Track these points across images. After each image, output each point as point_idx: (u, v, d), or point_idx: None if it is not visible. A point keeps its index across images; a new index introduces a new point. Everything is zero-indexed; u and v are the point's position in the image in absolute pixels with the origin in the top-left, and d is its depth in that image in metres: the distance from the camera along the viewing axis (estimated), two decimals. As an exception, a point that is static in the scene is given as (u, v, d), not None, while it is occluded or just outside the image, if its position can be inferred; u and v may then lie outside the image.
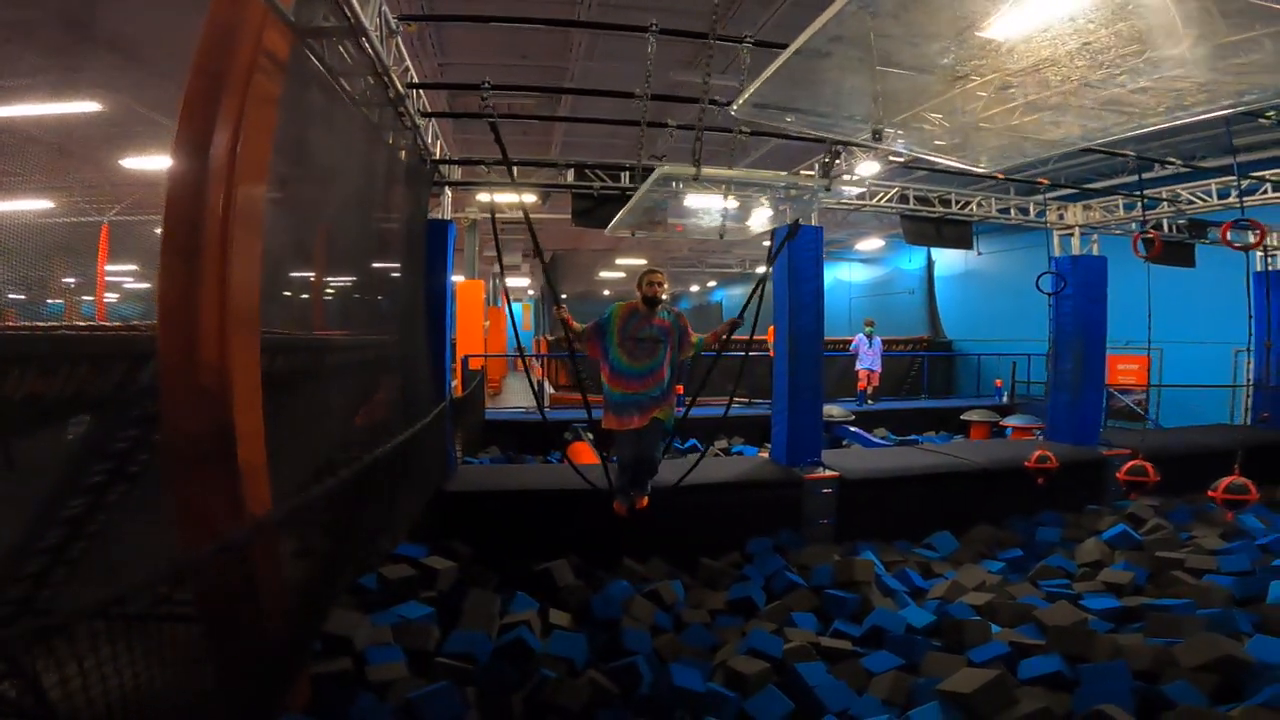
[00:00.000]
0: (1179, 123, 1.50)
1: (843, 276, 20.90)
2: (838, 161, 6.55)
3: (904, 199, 7.53)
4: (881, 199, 7.45)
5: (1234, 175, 7.33)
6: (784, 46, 1.80)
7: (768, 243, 5.85)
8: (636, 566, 5.12)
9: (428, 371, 5.37)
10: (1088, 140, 1.76)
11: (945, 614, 4.30)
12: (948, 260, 16.76)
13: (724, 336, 4.19)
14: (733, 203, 3.70)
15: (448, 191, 5.90)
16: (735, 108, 2.14)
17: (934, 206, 7.60)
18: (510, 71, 7.64)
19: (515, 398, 14.10)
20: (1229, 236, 4.81)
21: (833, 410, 9.55)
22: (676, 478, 4.92)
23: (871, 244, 17.78)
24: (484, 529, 5.19)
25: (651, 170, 5.84)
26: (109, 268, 7.84)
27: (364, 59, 3.11)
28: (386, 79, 3.51)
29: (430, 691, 2.95)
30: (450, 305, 6.05)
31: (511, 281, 25.67)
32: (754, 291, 4.13)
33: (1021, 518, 6.44)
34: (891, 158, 6.72)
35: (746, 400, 11.29)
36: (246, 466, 2.37)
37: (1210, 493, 4.47)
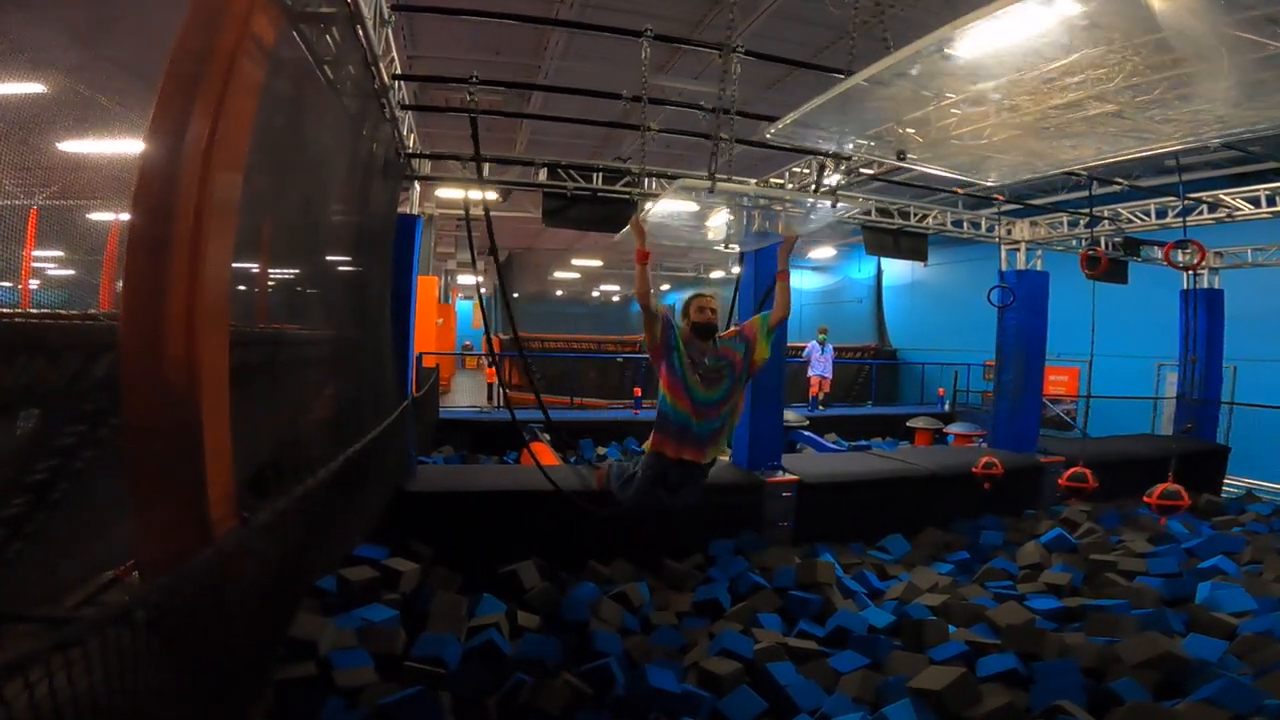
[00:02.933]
0: (1188, 146, 1.61)
1: (796, 284, 21.33)
2: (806, 172, 6.71)
3: (865, 210, 7.75)
4: (842, 213, 7.66)
5: (1172, 195, 7.70)
6: (766, 55, 1.86)
7: (734, 248, 5.92)
8: (601, 568, 5.11)
9: (392, 369, 5.23)
10: (1097, 160, 1.87)
11: (904, 614, 4.45)
12: (896, 271, 17.35)
13: (786, 281, 3.50)
14: (721, 217, 3.65)
15: (416, 186, 5.76)
16: (775, 129, 2.18)
17: (893, 218, 7.86)
18: (482, 67, 7.52)
19: (465, 396, 13.90)
20: (1170, 256, 5.14)
21: (788, 415, 9.74)
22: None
23: (824, 252, 18.26)
24: (446, 530, 5.08)
25: (621, 173, 5.87)
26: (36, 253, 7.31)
27: (355, 48, 3.00)
28: (374, 69, 3.40)
29: (405, 697, 2.87)
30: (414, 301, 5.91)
31: (464, 279, 25.24)
32: (765, 295, 4.09)
33: (965, 521, 6.71)
34: (862, 170, 6.91)
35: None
36: (212, 468, 2.26)
37: (1146, 498, 4.77)
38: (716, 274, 24.27)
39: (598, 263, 22.38)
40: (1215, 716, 3.03)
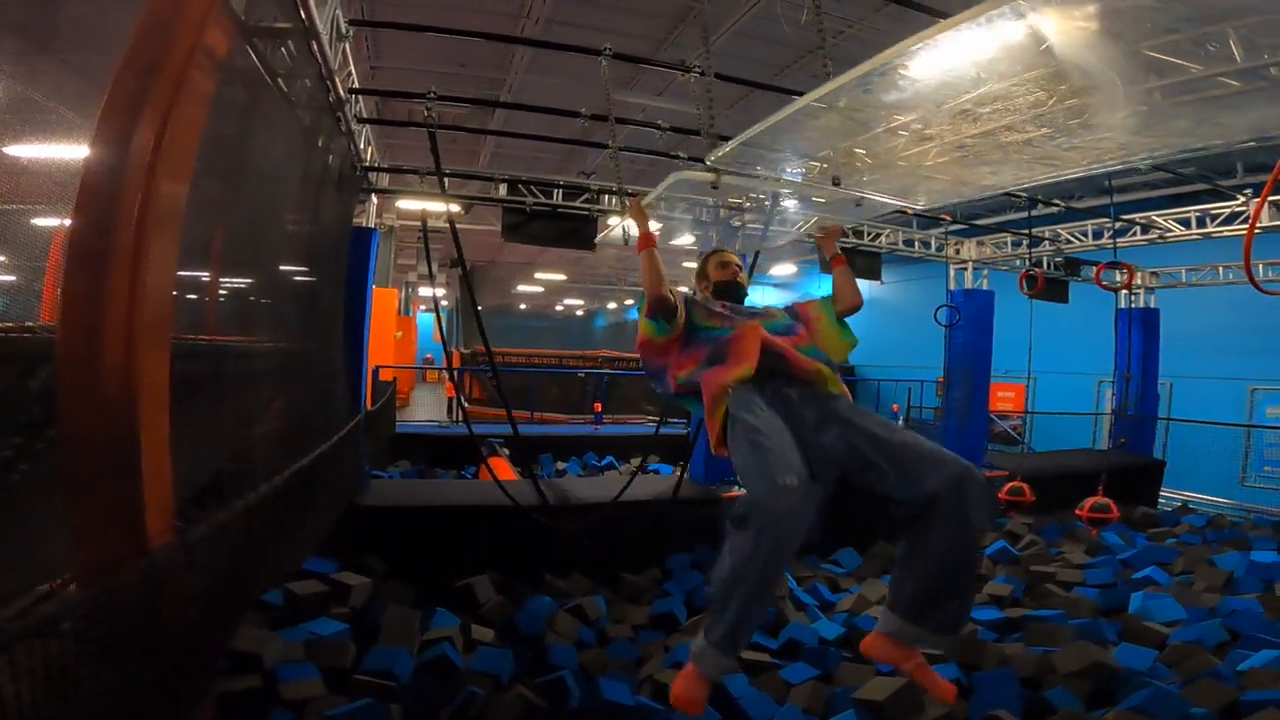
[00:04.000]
0: (1094, 173, 1.76)
1: (757, 300, 21.55)
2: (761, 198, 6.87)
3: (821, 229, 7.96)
4: (802, 228, 7.85)
5: (1107, 217, 8.03)
6: (726, 77, 1.97)
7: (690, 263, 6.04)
8: (558, 582, 5.10)
9: (343, 382, 5.17)
10: (1015, 186, 1.99)
11: (853, 626, 4.54)
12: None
13: (845, 266, 2.62)
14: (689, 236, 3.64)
15: (373, 198, 5.73)
16: (714, 158, 2.26)
17: (847, 237, 8.08)
18: (446, 79, 7.55)
19: (424, 410, 13.71)
20: (1101, 277, 5.40)
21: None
22: (610, 495, 4.98)
23: (785, 269, 18.59)
24: (399, 544, 5.02)
25: (582, 189, 5.93)
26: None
27: (309, 61, 3.01)
28: (330, 83, 3.41)
29: (353, 709, 2.82)
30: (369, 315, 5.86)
31: (426, 291, 24.95)
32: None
33: (917, 534, 6.87)
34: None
35: (658, 420, 11.48)
36: (150, 481, 2.23)
37: (1077, 511, 4.98)
38: (682, 289, 24.45)
39: (561, 277, 22.40)
40: (1140, 724, 3.16)
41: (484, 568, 4.88)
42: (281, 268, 3.55)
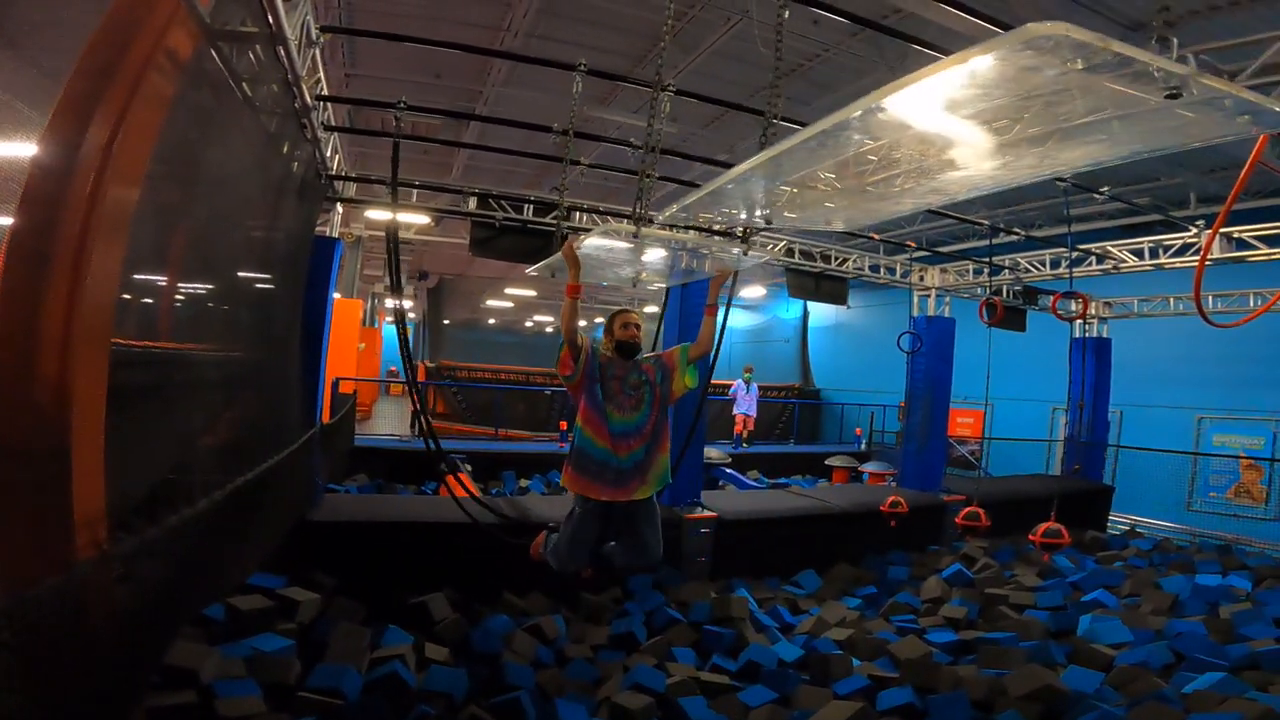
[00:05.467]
0: (978, 195, 2.17)
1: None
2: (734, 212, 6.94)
3: (789, 252, 8.08)
4: (771, 248, 7.96)
5: (1065, 247, 8.25)
6: (696, 94, 2.04)
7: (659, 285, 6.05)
8: (517, 600, 5.00)
9: (298, 394, 5.04)
10: (916, 209, 2.31)
11: (812, 649, 4.54)
12: (821, 312, 18.02)
13: (719, 315, 3.44)
14: (656, 253, 3.63)
15: (339, 207, 5.64)
16: (662, 219, 2.41)
17: (815, 261, 8.21)
18: (422, 90, 7.51)
19: (386, 424, 13.45)
20: (1058, 307, 5.56)
21: (711, 453, 9.89)
22: (556, 512, 4.88)
23: (754, 291, 18.79)
24: (352, 561, 4.87)
25: (553, 205, 5.92)
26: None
27: (276, 67, 2.96)
28: (296, 90, 3.35)
29: None
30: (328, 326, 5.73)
31: (393, 304, 24.57)
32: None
33: (876, 556, 6.95)
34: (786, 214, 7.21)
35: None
36: (81, 494, 2.13)
37: (1030, 536, 5.08)
38: (650, 308, 24.55)
39: (532, 293, 22.30)
40: (1089, 747, 3.23)
41: (440, 585, 4.77)
42: (233, 275, 3.46)
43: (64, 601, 1.90)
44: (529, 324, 31.29)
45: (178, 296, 3.03)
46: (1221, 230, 6.88)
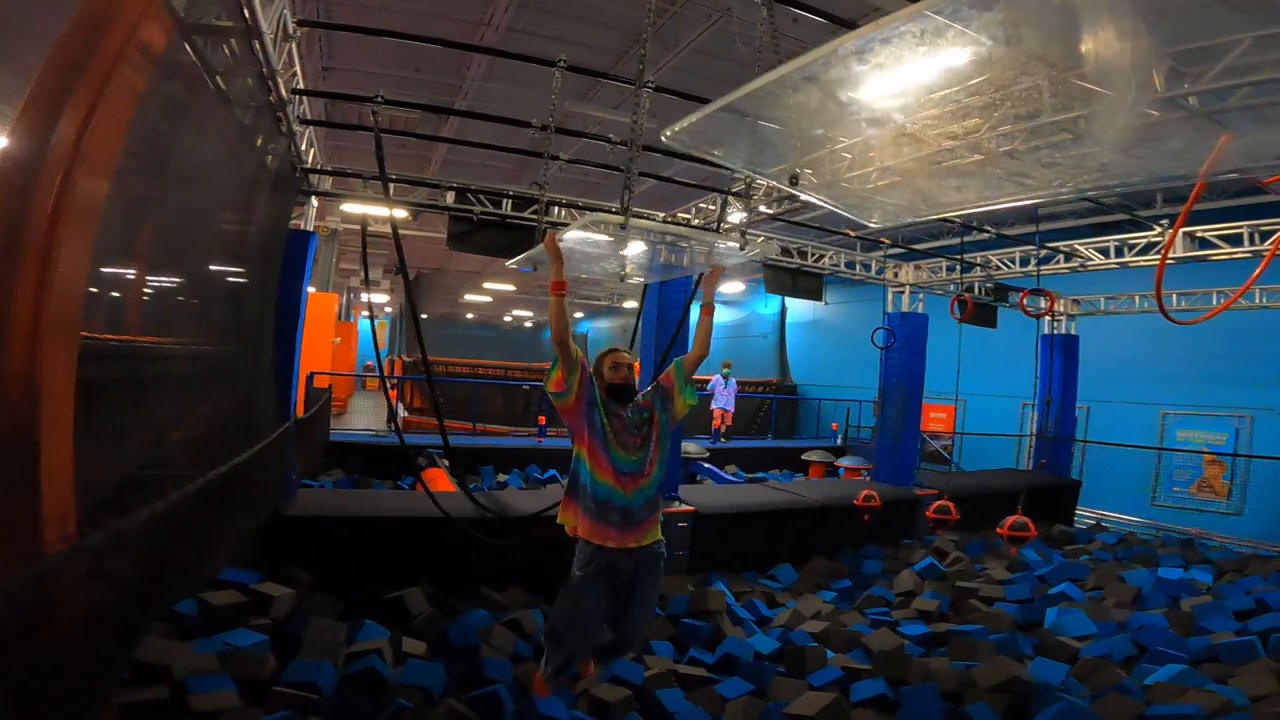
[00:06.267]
0: (1063, 197, 1.57)
1: (703, 316, 21.92)
2: (712, 209, 6.99)
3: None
4: (758, 243, 8.02)
5: (1034, 245, 8.42)
6: (673, 91, 1.95)
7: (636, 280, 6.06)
8: (495, 595, 5.00)
9: (272, 388, 4.97)
10: (979, 205, 1.89)
11: (788, 641, 4.61)
12: (799, 308, 18.17)
13: (710, 316, 2.99)
14: (637, 247, 3.59)
15: (313, 200, 5.55)
16: (669, 134, 2.17)
17: (792, 258, 8.28)
18: (400, 83, 7.41)
19: (362, 419, 13.30)
20: (1026, 304, 5.69)
21: (689, 447, 9.95)
22: (533, 506, 4.91)
23: (734, 287, 18.88)
24: (328, 556, 4.82)
25: (531, 200, 5.91)
26: None
27: (251, 60, 2.91)
28: (271, 83, 3.30)
29: None
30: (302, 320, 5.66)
31: (371, 298, 24.27)
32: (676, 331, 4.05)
33: (851, 550, 7.06)
34: (762, 209, 7.25)
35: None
36: (50, 488, 2.10)
37: (999, 530, 5.19)
38: (630, 303, 24.57)
39: (510, 287, 22.17)
40: (1054, 738, 3.29)
41: (417, 581, 4.75)
42: (205, 268, 3.40)
43: (32, 596, 1.87)
44: (507, 318, 31.13)
45: (147, 290, 2.98)
46: (1185, 230, 7.11)
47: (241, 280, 3.96)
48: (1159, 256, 7.39)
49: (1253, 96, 1.12)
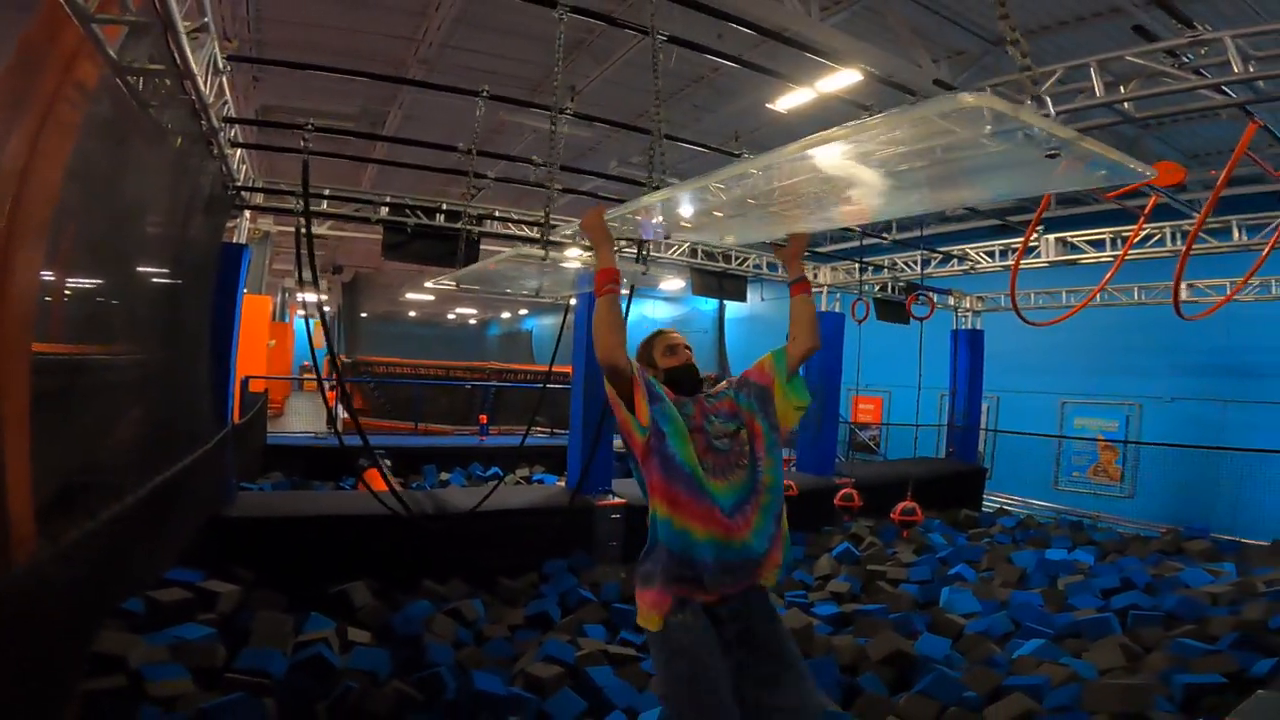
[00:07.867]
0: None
1: (648, 313, 22.23)
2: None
3: (693, 253, 8.53)
4: (673, 252, 8.40)
5: (936, 249, 9.20)
6: (588, 117, 2.29)
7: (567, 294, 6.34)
8: (437, 587, 5.19)
9: (208, 397, 5.08)
10: (807, 228, 2.50)
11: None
12: (737, 304, 18.69)
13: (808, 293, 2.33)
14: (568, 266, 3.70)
15: (246, 214, 5.63)
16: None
17: (718, 261, 8.69)
18: (334, 94, 7.44)
19: (299, 421, 13.17)
20: (912, 308, 6.26)
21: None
22: (473, 502, 5.12)
23: (674, 284, 19.28)
24: (271, 555, 4.94)
25: (461, 214, 6.11)
26: None
27: (183, 94, 3.07)
28: (204, 114, 3.45)
29: (225, 702, 2.88)
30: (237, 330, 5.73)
31: (308, 297, 23.65)
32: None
33: (777, 536, 7.48)
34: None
35: (548, 431, 11.73)
36: (14, 496, 2.27)
37: (891, 515, 5.65)
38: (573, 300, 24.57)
39: (452, 285, 21.97)
40: (926, 705, 3.66)
41: (359, 577, 4.93)
42: (142, 285, 3.53)
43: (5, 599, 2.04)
44: (451, 316, 30.82)
45: (89, 306, 3.12)
46: (1058, 235, 8.12)
47: (177, 296, 4.08)
48: (1037, 259, 8.22)
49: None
